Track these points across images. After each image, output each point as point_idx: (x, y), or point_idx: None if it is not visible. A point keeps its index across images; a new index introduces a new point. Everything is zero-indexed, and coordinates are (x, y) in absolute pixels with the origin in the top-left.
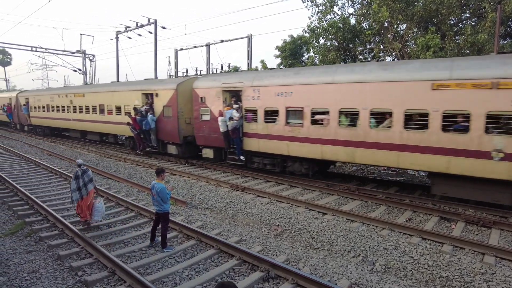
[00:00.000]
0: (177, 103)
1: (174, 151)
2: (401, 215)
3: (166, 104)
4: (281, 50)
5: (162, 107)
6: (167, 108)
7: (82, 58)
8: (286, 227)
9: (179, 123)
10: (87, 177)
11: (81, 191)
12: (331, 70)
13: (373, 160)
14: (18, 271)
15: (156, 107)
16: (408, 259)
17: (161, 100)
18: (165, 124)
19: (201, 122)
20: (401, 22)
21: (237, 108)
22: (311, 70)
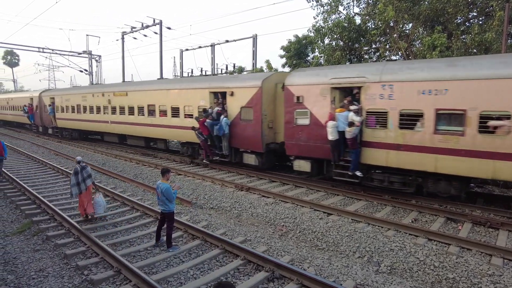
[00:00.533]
0: (261, 103)
1: (252, 161)
2: (406, 215)
3: (245, 105)
4: (286, 50)
5: (239, 108)
6: (246, 110)
7: (88, 58)
8: (291, 227)
9: (263, 128)
10: (85, 173)
11: (80, 186)
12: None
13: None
14: (25, 269)
15: (230, 108)
16: (414, 260)
17: (238, 100)
18: (243, 129)
19: (296, 128)
20: (407, 21)
21: (356, 110)
22: (477, 61)
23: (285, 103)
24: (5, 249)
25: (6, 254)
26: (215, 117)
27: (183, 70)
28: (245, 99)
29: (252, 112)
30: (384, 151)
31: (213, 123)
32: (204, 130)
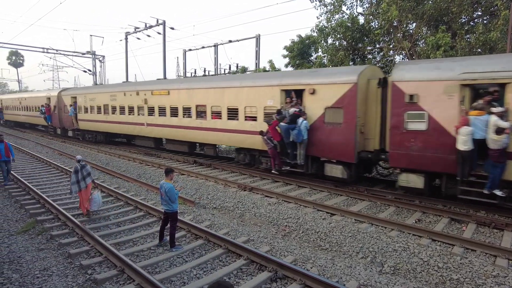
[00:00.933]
0: (356, 103)
1: (339, 174)
2: (410, 216)
3: (331, 105)
4: (289, 50)
5: (322, 109)
6: (333, 111)
7: (92, 59)
8: (294, 227)
9: (356, 134)
10: (85, 171)
11: (80, 184)
12: None
13: None
14: (30, 268)
15: (309, 109)
16: (418, 260)
17: (321, 100)
18: (327, 135)
19: (406, 134)
20: (411, 21)
21: (502, 112)
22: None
23: (392, 103)
24: (10, 248)
25: (11, 253)
26: (292, 119)
27: (186, 71)
28: (332, 97)
29: (341, 113)
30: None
31: (289, 127)
32: (275, 136)
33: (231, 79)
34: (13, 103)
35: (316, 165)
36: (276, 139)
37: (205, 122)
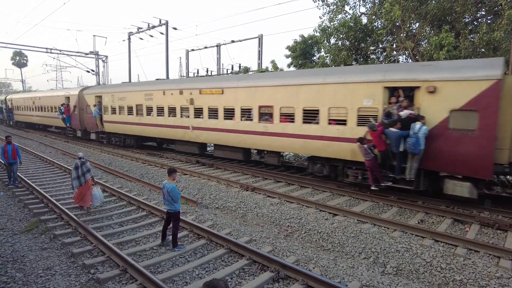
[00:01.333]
0: (497, 105)
1: (466, 192)
2: (413, 216)
3: (460, 107)
4: (291, 50)
5: (446, 112)
6: (462, 115)
7: (95, 59)
8: (297, 227)
9: (494, 144)
10: (85, 167)
11: (80, 180)
12: None
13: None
14: (33, 267)
15: (427, 111)
16: (420, 261)
17: (445, 100)
18: (452, 144)
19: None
20: (414, 21)
21: None
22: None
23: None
24: (14, 247)
25: (15, 252)
26: (404, 123)
27: (189, 70)
28: (462, 98)
29: (476, 118)
30: None
31: (402, 134)
32: (379, 144)
33: (309, 74)
34: (25, 103)
35: (429, 180)
36: (380, 148)
37: (270, 126)
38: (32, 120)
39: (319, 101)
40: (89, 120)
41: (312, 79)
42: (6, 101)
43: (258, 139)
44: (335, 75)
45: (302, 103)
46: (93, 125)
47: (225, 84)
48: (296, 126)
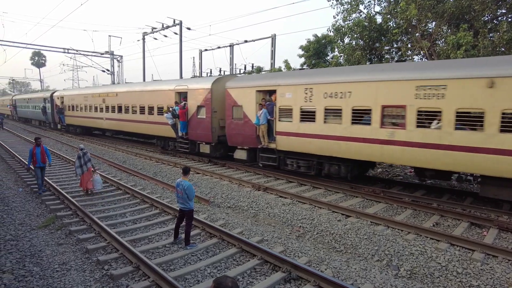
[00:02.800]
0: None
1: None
2: (428, 219)
3: None
4: (305, 50)
5: None
6: None
7: (110, 59)
8: (308, 228)
9: None
10: (86, 157)
11: (82, 168)
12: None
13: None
14: (50, 262)
15: None
16: (435, 265)
17: None
18: None
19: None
20: (430, 19)
21: None
22: None
23: None
24: (31, 242)
25: (32, 247)
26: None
27: (202, 70)
28: None
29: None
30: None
31: None
32: None
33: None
34: (87, 102)
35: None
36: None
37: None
38: (103, 125)
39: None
40: (240, 129)
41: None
42: (54, 98)
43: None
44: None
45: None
46: (250, 138)
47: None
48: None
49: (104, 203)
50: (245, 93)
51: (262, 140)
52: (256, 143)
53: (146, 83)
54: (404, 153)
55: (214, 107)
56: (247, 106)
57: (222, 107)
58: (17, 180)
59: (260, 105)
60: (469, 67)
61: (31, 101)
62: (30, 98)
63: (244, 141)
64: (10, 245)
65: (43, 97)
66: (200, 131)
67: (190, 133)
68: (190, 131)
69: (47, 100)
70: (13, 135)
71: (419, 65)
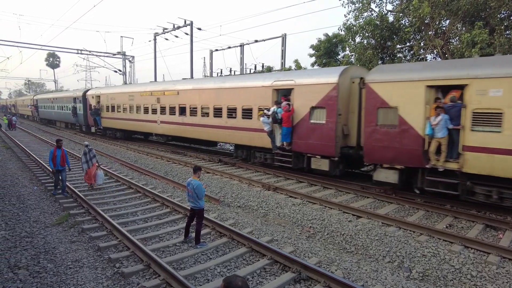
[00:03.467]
0: None
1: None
2: (440, 221)
3: None
4: (315, 49)
5: None
6: None
7: (122, 59)
8: (319, 229)
9: None
10: (91, 154)
11: (88, 163)
12: None
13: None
14: (63, 259)
15: None
16: (449, 267)
17: None
18: None
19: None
20: (444, 17)
21: None
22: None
23: None
24: (46, 239)
25: (47, 244)
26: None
27: (212, 70)
28: None
29: None
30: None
31: None
32: None
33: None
34: (133, 101)
35: None
36: None
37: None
38: (153, 129)
39: None
40: (386, 139)
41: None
42: (87, 98)
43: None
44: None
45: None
46: (406, 153)
47: None
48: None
49: (115, 202)
50: (404, 89)
51: (433, 157)
52: (421, 161)
53: (225, 78)
54: None
55: (339, 108)
56: (407, 108)
57: (346, 109)
58: (32, 178)
59: (437, 108)
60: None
61: (57, 100)
62: (56, 98)
63: (398, 158)
64: (25, 242)
65: (73, 96)
66: (314, 140)
67: (296, 143)
68: (297, 141)
69: (78, 99)
70: (28, 135)
71: None
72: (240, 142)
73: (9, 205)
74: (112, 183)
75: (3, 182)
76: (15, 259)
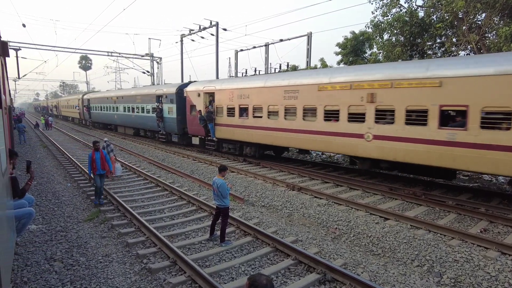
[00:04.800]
0: None
1: None
2: (474, 225)
3: None
4: (342, 47)
5: None
6: None
7: (150, 60)
8: (345, 230)
9: None
10: (109, 148)
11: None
12: None
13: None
14: (94, 253)
15: None
16: (484, 274)
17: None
18: None
19: None
20: (480, 11)
21: None
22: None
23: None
24: (78, 234)
25: (79, 238)
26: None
27: (237, 71)
28: None
29: None
30: None
31: None
32: None
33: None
34: (296, 99)
35: None
36: None
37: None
38: (361, 150)
39: None
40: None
41: None
42: (186, 95)
43: None
44: None
45: None
46: (200, 129)
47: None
48: None
49: (144, 199)
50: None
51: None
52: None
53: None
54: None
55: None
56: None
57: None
58: (66, 176)
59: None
60: None
61: (124, 100)
62: (123, 96)
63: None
64: (60, 236)
65: (156, 94)
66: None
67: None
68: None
69: (166, 98)
70: (63, 134)
71: None
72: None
73: (46, 201)
74: (140, 181)
75: (40, 179)
76: (51, 251)
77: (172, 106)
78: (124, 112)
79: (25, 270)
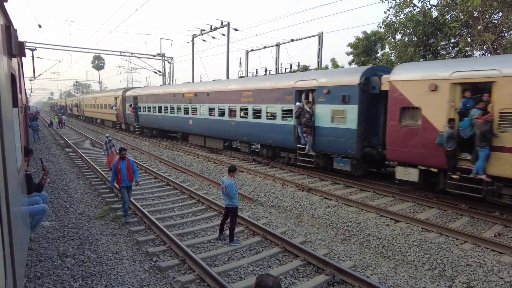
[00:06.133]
0: None
1: None
2: (488, 228)
3: None
4: (353, 47)
5: None
6: None
7: (161, 60)
8: (354, 232)
9: None
10: (111, 143)
11: (108, 151)
12: None
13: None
14: (105, 250)
15: None
16: (497, 280)
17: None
18: None
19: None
20: (496, 10)
21: None
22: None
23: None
24: (90, 231)
25: (91, 235)
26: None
27: (248, 71)
28: None
29: None
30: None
31: None
32: None
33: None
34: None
35: None
36: None
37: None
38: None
39: None
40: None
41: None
42: (394, 87)
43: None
44: None
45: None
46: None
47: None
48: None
49: (154, 198)
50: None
51: None
52: None
53: None
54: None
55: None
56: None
57: None
58: (78, 173)
59: None
60: None
61: (214, 98)
62: (208, 93)
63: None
64: (72, 233)
65: (296, 87)
66: None
67: None
68: None
69: (329, 94)
70: (75, 133)
71: None
72: None
73: (59, 198)
74: (151, 179)
75: (54, 176)
76: (63, 248)
77: (345, 109)
78: (210, 116)
79: (38, 265)
